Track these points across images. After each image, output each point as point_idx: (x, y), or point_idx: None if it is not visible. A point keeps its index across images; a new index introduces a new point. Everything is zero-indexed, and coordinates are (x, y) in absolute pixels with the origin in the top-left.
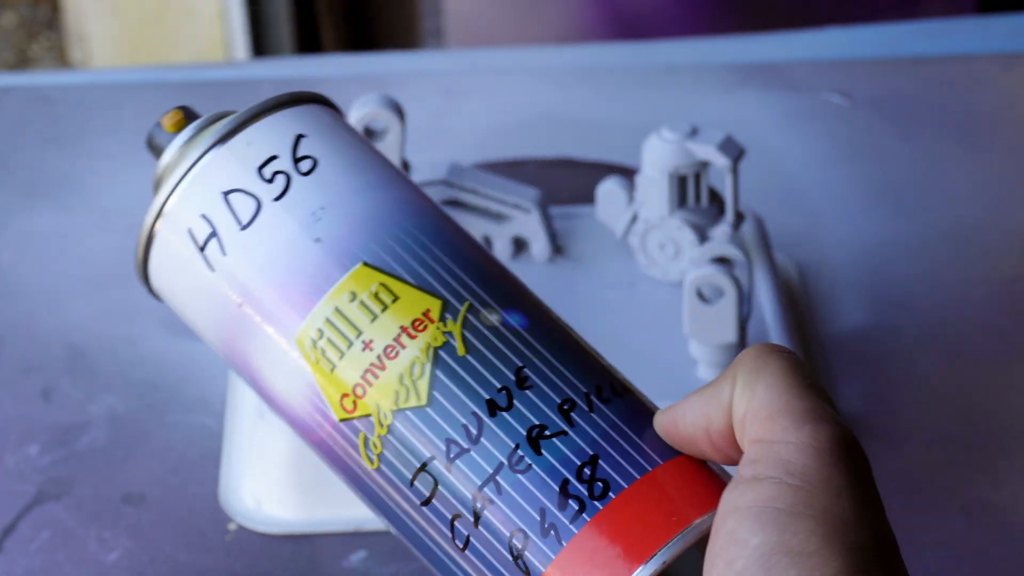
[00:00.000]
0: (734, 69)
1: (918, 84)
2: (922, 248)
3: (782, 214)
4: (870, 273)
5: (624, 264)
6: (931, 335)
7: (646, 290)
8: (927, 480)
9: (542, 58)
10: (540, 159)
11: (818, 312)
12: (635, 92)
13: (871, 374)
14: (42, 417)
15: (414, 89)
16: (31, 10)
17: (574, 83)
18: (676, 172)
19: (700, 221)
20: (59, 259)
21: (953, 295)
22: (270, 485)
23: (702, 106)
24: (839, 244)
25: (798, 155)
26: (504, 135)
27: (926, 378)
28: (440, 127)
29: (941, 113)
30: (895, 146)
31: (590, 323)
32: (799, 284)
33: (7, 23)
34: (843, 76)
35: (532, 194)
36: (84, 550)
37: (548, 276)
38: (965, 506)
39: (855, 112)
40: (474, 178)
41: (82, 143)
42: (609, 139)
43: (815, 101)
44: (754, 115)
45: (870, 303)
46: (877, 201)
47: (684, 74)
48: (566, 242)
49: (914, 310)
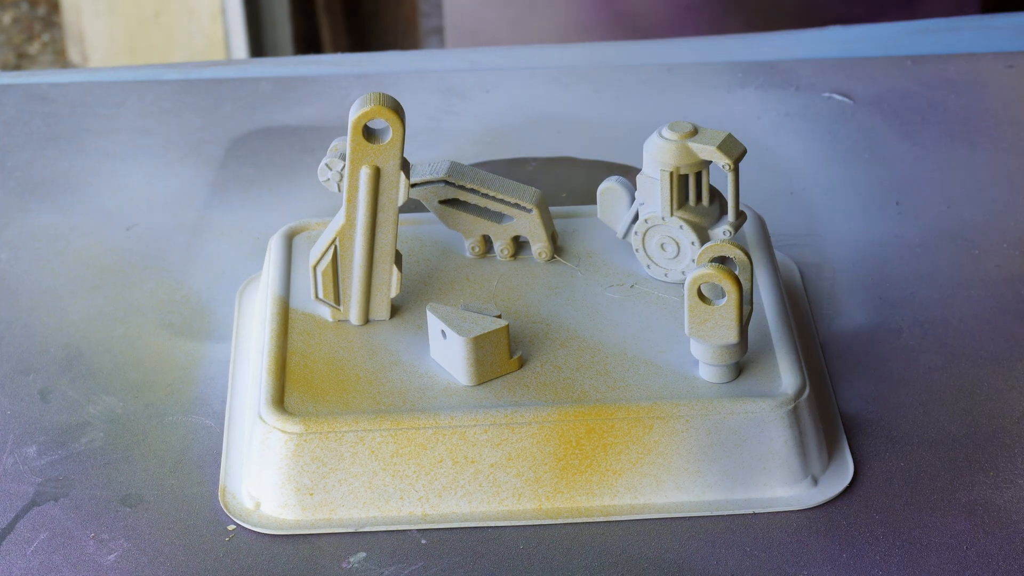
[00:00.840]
0: (736, 68)
1: (920, 83)
2: (924, 248)
3: (783, 214)
4: (871, 273)
5: (625, 264)
6: (933, 335)
7: (647, 290)
8: (929, 481)
9: (542, 57)
10: (540, 158)
11: (819, 312)
12: (636, 91)
13: (872, 374)
14: (40, 418)
15: (414, 88)
16: (29, 9)
17: (574, 82)
18: (677, 171)
19: (701, 221)
20: (57, 259)
21: (955, 295)
22: (269, 486)
23: (703, 105)
24: (840, 244)
25: (799, 154)
26: (504, 134)
27: (927, 378)
28: (440, 126)
29: (944, 112)
30: (897, 145)
31: (590, 324)
32: (800, 284)
33: (5, 22)
34: (845, 75)
35: (532, 193)
36: (82, 552)
37: (548, 276)
38: (967, 507)
39: (857, 111)
40: (474, 177)
41: (80, 142)
42: (610, 138)
43: (817, 100)
44: (755, 114)
45: (871, 303)
46: (879, 201)
47: (685, 73)
48: (566, 242)
49: (915, 310)
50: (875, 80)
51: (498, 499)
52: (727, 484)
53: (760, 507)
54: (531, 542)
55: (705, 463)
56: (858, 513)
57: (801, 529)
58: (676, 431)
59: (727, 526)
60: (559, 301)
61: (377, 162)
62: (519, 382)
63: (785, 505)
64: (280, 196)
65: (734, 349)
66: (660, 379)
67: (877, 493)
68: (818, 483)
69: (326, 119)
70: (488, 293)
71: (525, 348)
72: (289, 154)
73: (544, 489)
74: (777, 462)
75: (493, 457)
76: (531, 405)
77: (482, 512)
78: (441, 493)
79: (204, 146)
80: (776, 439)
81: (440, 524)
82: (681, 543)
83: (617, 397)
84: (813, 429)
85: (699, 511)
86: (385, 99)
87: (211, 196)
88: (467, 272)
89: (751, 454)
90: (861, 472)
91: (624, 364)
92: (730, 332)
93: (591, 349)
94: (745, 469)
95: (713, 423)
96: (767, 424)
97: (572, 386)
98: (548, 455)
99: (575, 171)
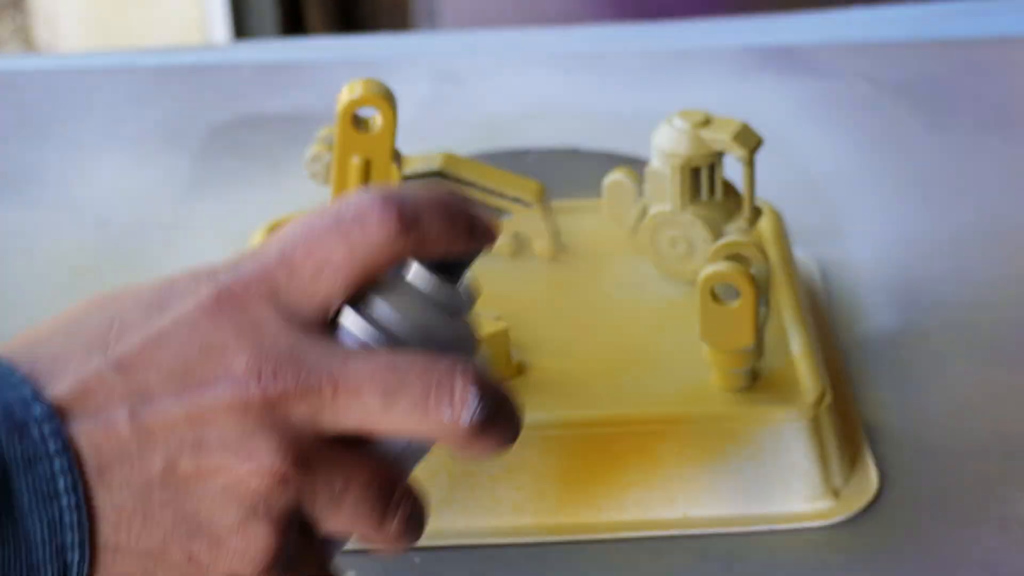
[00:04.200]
0: (751, 52)
1: (949, 68)
2: (953, 245)
3: (802, 208)
4: (897, 272)
5: (633, 262)
6: (963, 338)
7: (656, 290)
8: (959, 494)
9: (544, 41)
10: (542, 149)
11: (841, 314)
12: (645, 77)
13: (898, 380)
14: None
15: (406, 74)
16: None
17: (579, 68)
18: (689, 163)
19: (714, 216)
20: (23, 258)
21: (986, 295)
22: None
23: (717, 92)
24: (864, 241)
25: (820, 145)
26: (503, 124)
27: (957, 385)
28: (434, 115)
29: (974, 100)
30: (924, 135)
31: (596, 326)
32: (821, 284)
33: None
34: (868, 60)
35: (534, 187)
36: None
37: (551, 275)
38: (1000, 522)
39: (881, 99)
40: (471, 170)
41: (50, 132)
42: (617, 128)
43: (838, 87)
44: (772, 102)
45: (897, 304)
46: (905, 195)
47: (697, 58)
48: (570, 239)
49: (944, 311)
50: (901, 65)
51: (497, 514)
52: (742, 498)
53: (778, 523)
54: (533, 560)
55: (719, 476)
56: (882, 529)
57: (822, 546)
58: (688, 441)
59: (743, 543)
60: (562, 302)
61: (366, 153)
62: (519, 388)
63: (805, 520)
64: (263, 189)
65: (750, 353)
66: (670, 386)
67: (903, 507)
68: (840, 497)
69: (312, 107)
70: (486, 293)
71: (526, 353)
72: (272, 145)
73: (547, 504)
74: (796, 474)
75: (492, 469)
76: (532, 413)
77: (480, 528)
78: (437, 508)
79: (182, 136)
80: (795, 450)
81: (435, 541)
82: (694, 562)
83: (624, 405)
84: (835, 439)
85: (713, 527)
86: (375, 85)
87: (189, 189)
88: None
89: (768, 466)
90: (886, 485)
91: (632, 370)
92: (745, 335)
93: (596, 353)
94: (762, 482)
95: (727, 433)
96: (785, 434)
97: (576, 393)
98: (551, 467)
99: (579, 163)
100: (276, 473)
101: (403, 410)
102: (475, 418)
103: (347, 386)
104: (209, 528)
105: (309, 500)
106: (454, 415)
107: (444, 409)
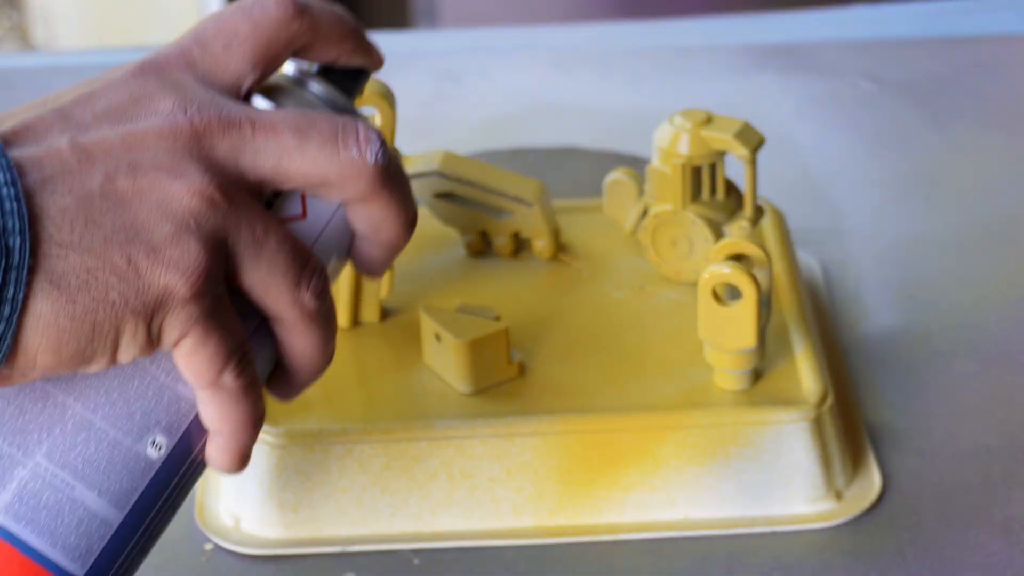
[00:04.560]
0: (753, 51)
1: (952, 66)
2: (955, 244)
3: (804, 208)
4: (899, 272)
5: (633, 262)
6: (965, 338)
7: (657, 290)
8: (962, 496)
9: (544, 39)
10: (542, 148)
11: (843, 314)
12: (645, 76)
13: (900, 380)
14: None
15: (405, 72)
16: None
17: (579, 66)
18: (690, 163)
19: (716, 216)
20: None
21: (989, 295)
22: (249, 502)
23: (718, 91)
24: (866, 240)
25: (822, 144)
26: (503, 122)
27: (960, 386)
28: (434, 114)
29: (977, 98)
30: (927, 134)
31: (596, 327)
32: (823, 284)
33: None
34: (871, 58)
35: (534, 187)
36: None
37: (551, 275)
38: (1004, 524)
39: (884, 97)
40: (471, 169)
41: None
42: (617, 127)
43: (840, 85)
44: (774, 101)
45: (899, 304)
46: (907, 194)
47: (698, 56)
48: (571, 238)
49: (947, 311)
50: (904, 64)
51: (497, 516)
52: (744, 499)
53: (780, 524)
54: (532, 562)
55: (720, 477)
56: (885, 531)
57: (824, 548)
58: (689, 442)
59: (744, 545)
60: (562, 302)
61: None
62: (519, 389)
63: (807, 522)
64: None
65: (751, 354)
66: (671, 386)
67: (906, 509)
68: (842, 498)
69: None
70: (486, 293)
71: (526, 353)
72: None
73: (546, 505)
74: (798, 476)
75: (492, 470)
76: (532, 414)
77: (480, 530)
78: (435, 509)
79: None
80: (797, 451)
81: (434, 543)
82: (695, 564)
83: (625, 406)
84: (837, 440)
85: (714, 529)
86: (374, 84)
87: None
88: (463, 271)
89: (770, 467)
90: (888, 486)
91: (632, 370)
92: (747, 335)
93: (596, 354)
94: (763, 483)
95: (729, 434)
96: (787, 435)
97: (576, 394)
98: (551, 468)
99: (580, 162)
100: (203, 193)
101: (315, 147)
102: (379, 159)
103: (264, 124)
104: (147, 237)
105: (234, 234)
106: (361, 152)
107: (352, 146)
